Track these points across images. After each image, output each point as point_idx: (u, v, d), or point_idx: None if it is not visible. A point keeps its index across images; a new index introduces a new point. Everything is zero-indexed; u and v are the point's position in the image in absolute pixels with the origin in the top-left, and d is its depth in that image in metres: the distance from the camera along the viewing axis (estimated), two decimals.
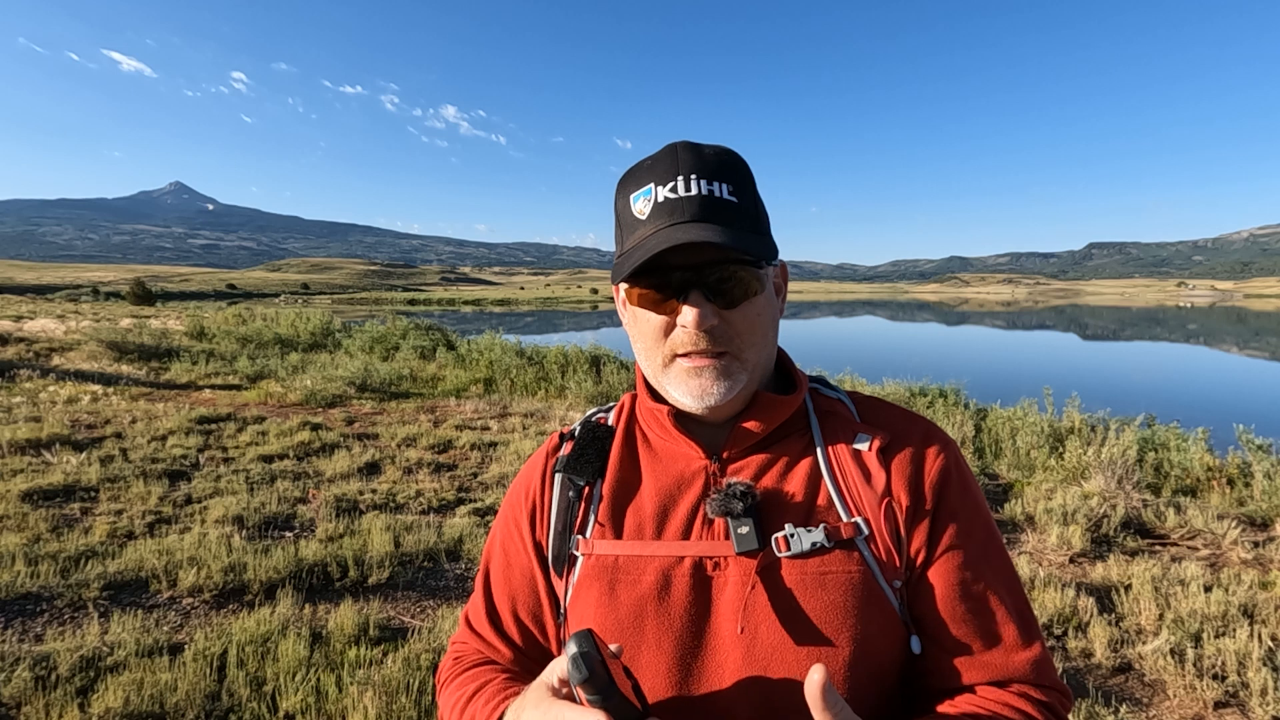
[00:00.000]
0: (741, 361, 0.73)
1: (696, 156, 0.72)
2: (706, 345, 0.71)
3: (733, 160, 0.74)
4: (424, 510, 4.59)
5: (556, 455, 0.85)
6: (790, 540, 0.70)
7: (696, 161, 0.71)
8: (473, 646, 0.86)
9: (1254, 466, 5.22)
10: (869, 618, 0.68)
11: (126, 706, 2.32)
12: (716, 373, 0.72)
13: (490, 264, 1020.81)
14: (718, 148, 0.74)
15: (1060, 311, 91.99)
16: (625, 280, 0.72)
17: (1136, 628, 3.12)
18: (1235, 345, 32.25)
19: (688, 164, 0.71)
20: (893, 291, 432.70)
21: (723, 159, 0.73)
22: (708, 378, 0.72)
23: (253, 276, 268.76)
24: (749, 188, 0.74)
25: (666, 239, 0.67)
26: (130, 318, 22.27)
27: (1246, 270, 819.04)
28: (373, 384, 9.69)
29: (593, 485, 0.80)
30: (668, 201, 0.70)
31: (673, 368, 0.73)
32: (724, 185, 0.71)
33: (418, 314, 28.34)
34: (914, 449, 0.75)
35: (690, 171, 0.71)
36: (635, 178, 0.74)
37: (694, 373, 0.72)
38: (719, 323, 0.71)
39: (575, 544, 0.77)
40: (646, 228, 0.71)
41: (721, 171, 0.72)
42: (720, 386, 0.72)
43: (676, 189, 0.70)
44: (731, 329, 0.72)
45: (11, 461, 5.14)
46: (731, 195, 0.71)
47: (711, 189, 0.70)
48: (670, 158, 0.72)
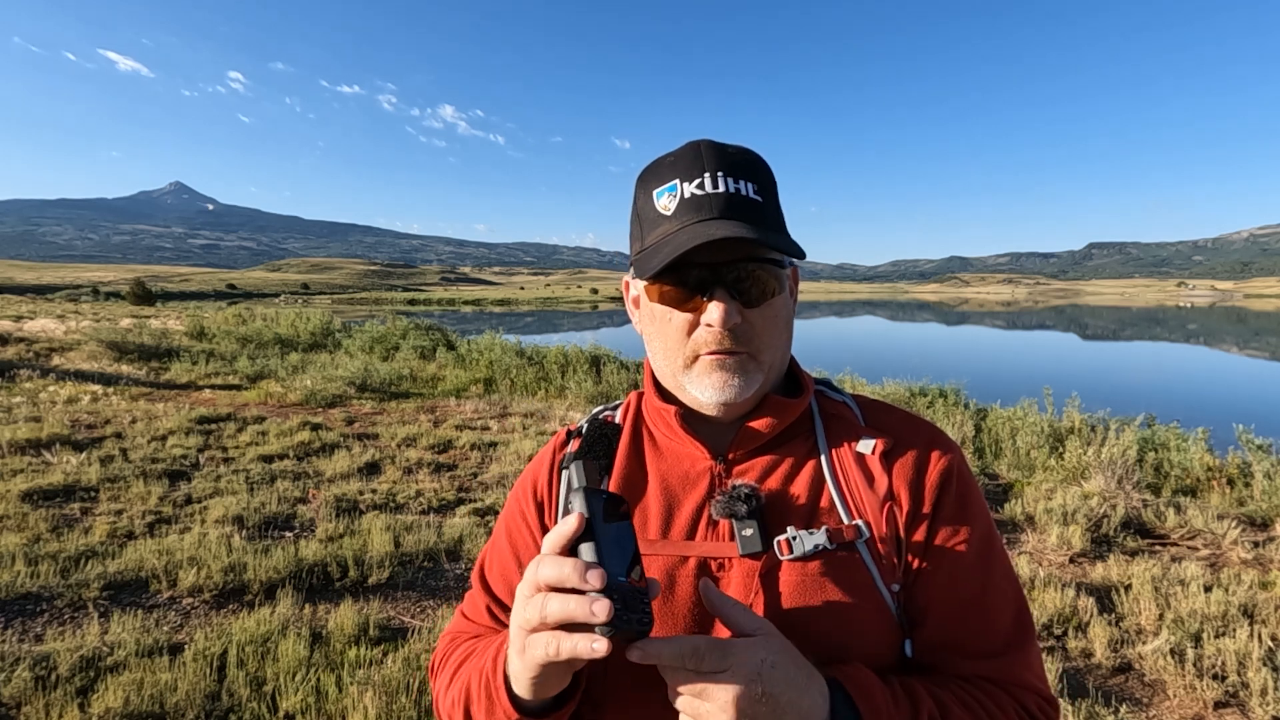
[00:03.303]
0: (759, 362, 0.73)
1: (721, 154, 0.72)
2: (730, 344, 0.71)
3: (756, 160, 0.74)
4: (424, 510, 4.59)
5: (564, 451, 0.85)
6: (793, 543, 0.70)
7: (722, 159, 0.71)
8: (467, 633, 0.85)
9: (1254, 466, 5.22)
10: (867, 620, 0.69)
11: (126, 706, 2.32)
12: (736, 371, 0.72)
13: (490, 264, 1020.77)
14: (740, 147, 0.74)
15: (1060, 311, 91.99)
16: (650, 277, 0.71)
17: (1136, 628, 3.12)
18: (1235, 345, 32.25)
19: (713, 161, 0.71)
20: (893, 291, 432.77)
21: (747, 157, 0.73)
22: (726, 376, 0.72)
23: (253, 276, 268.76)
24: (772, 188, 0.74)
25: (696, 235, 0.67)
26: (130, 318, 22.27)
27: (1246, 270, 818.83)
28: (373, 384, 9.69)
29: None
30: (694, 198, 0.70)
31: (696, 366, 0.73)
32: (749, 184, 0.71)
33: (418, 314, 28.34)
34: (917, 453, 0.75)
35: (717, 169, 0.70)
36: (657, 173, 0.74)
37: (717, 365, 0.72)
38: (741, 321, 0.71)
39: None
40: (671, 224, 0.71)
41: (746, 170, 0.72)
42: (740, 381, 0.72)
43: (704, 185, 0.70)
44: (752, 329, 0.72)
45: (11, 461, 5.14)
46: (756, 194, 0.71)
47: (738, 187, 0.70)
48: (695, 154, 0.72)
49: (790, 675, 0.58)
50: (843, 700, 0.61)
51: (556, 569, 0.56)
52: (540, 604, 0.55)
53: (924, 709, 0.64)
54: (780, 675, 0.57)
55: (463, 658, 0.77)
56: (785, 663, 0.58)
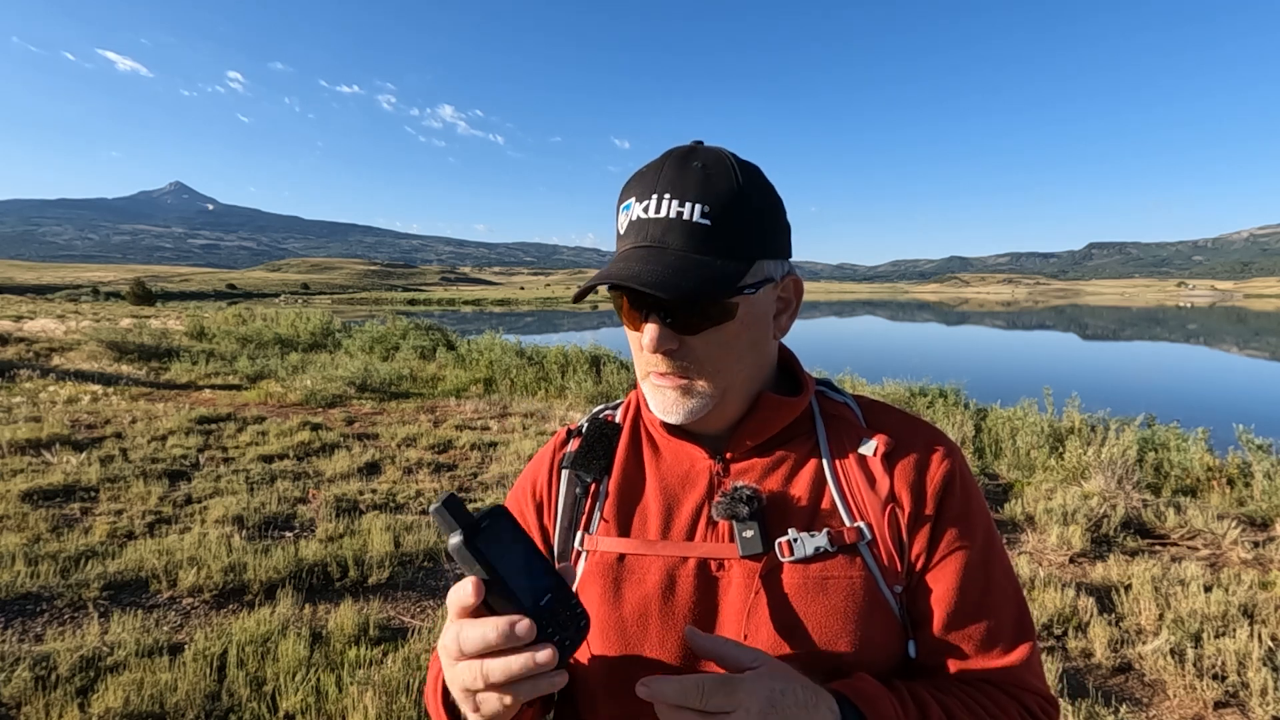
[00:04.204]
0: (706, 386, 0.71)
1: (681, 170, 0.68)
2: (668, 369, 0.70)
3: (721, 172, 0.68)
4: (424, 510, 4.59)
5: (564, 451, 0.85)
6: (794, 545, 0.69)
7: (677, 178, 0.67)
8: None
9: (1254, 466, 5.22)
10: (870, 622, 0.69)
11: (126, 706, 2.32)
12: (680, 393, 0.71)
13: (490, 264, 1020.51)
14: (710, 158, 0.69)
15: (1060, 311, 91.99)
16: (574, 299, 0.73)
17: (1136, 628, 3.12)
18: (1235, 345, 32.25)
19: (668, 179, 0.68)
20: (893, 291, 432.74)
21: (710, 173, 0.67)
22: (670, 398, 0.71)
23: (253, 276, 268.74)
24: (735, 204, 0.68)
25: (615, 268, 0.67)
26: (130, 318, 22.27)
27: (1246, 270, 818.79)
28: (373, 384, 9.69)
29: (599, 482, 0.80)
30: (639, 221, 0.69)
31: (647, 381, 0.74)
32: (700, 206, 0.66)
33: (418, 314, 28.34)
34: (918, 454, 0.75)
35: (666, 190, 0.67)
36: (628, 187, 0.73)
37: (659, 391, 0.72)
38: (679, 347, 0.69)
39: (580, 540, 0.77)
40: (622, 244, 0.71)
41: (701, 188, 0.67)
42: (683, 407, 0.71)
43: (649, 209, 0.68)
44: (693, 354, 0.70)
45: (11, 461, 5.14)
46: (704, 218, 0.66)
47: (682, 211, 0.66)
48: (656, 171, 0.69)
49: (800, 698, 0.58)
50: (851, 713, 0.60)
51: (480, 638, 0.52)
52: (478, 670, 0.53)
53: (932, 715, 0.64)
54: (791, 700, 0.57)
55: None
56: (793, 688, 0.58)
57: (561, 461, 0.83)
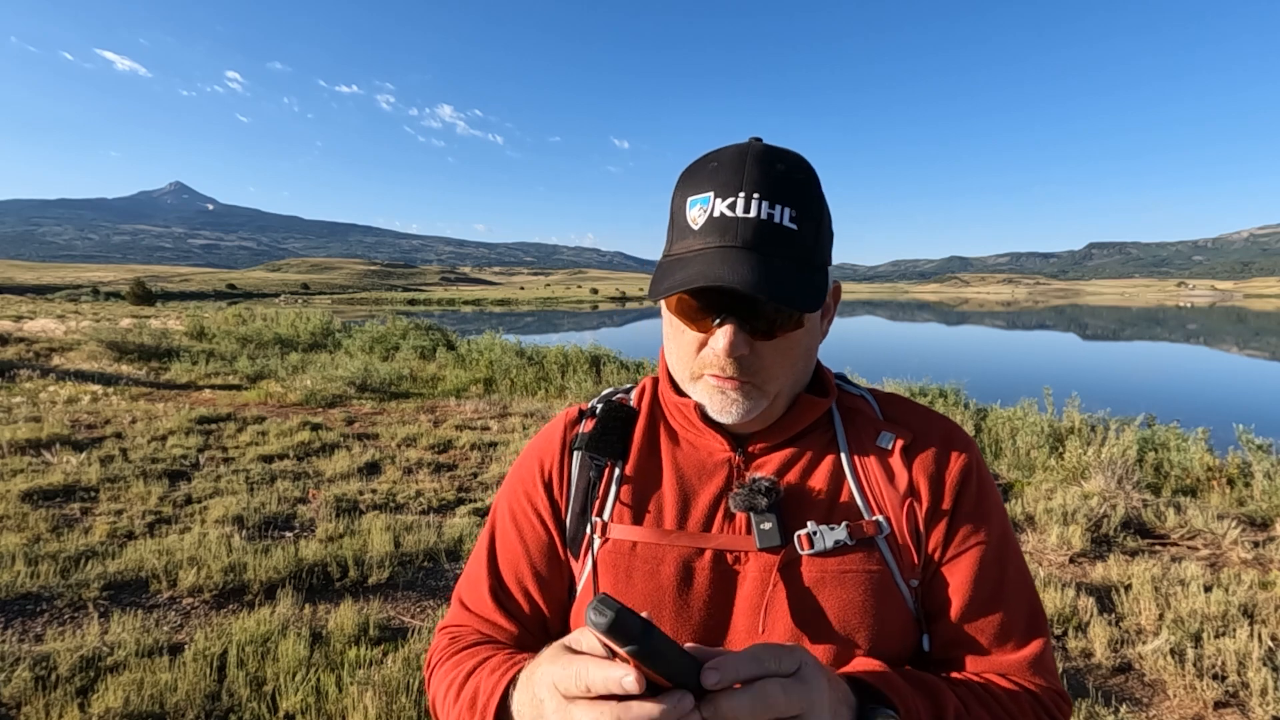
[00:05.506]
0: (763, 390, 0.71)
1: (765, 171, 0.66)
2: (734, 372, 0.69)
3: (802, 177, 0.68)
4: (424, 510, 4.59)
5: (576, 430, 0.83)
6: (814, 538, 0.69)
7: (764, 178, 0.66)
8: (470, 627, 0.80)
9: (1254, 466, 5.22)
10: (886, 616, 0.69)
11: (126, 706, 2.31)
12: (740, 395, 0.70)
13: (490, 264, 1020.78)
14: (790, 160, 0.68)
15: (1060, 311, 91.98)
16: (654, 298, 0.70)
17: (1136, 628, 3.12)
18: (1235, 345, 32.25)
19: (754, 178, 0.66)
20: (893, 291, 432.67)
21: (793, 176, 0.67)
22: (729, 399, 0.70)
23: (253, 276, 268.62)
24: (813, 210, 0.68)
25: (710, 267, 0.64)
26: (130, 318, 22.26)
27: (1246, 270, 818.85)
28: (373, 384, 9.68)
29: (614, 466, 0.78)
30: (723, 218, 0.66)
31: (700, 382, 0.72)
32: (787, 210, 0.66)
33: (418, 314, 28.33)
34: (937, 449, 0.75)
35: (754, 189, 0.65)
36: (696, 179, 0.69)
37: (717, 391, 0.71)
38: (749, 353, 0.68)
39: (593, 525, 0.76)
40: (696, 240, 0.67)
41: (788, 192, 0.66)
42: (740, 408, 0.71)
43: (735, 206, 0.65)
44: (760, 360, 0.69)
45: (11, 461, 5.14)
46: (792, 222, 0.66)
47: (772, 213, 0.65)
48: (737, 165, 0.67)
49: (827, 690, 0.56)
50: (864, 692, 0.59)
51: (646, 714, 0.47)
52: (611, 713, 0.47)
53: (948, 702, 0.63)
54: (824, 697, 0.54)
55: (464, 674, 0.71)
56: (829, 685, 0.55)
57: (574, 442, 0.81)
